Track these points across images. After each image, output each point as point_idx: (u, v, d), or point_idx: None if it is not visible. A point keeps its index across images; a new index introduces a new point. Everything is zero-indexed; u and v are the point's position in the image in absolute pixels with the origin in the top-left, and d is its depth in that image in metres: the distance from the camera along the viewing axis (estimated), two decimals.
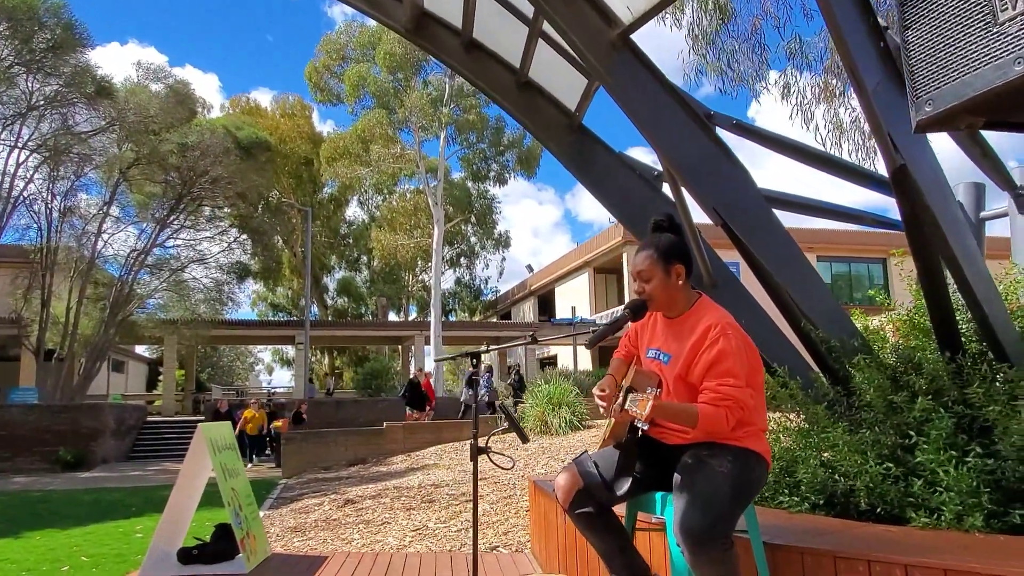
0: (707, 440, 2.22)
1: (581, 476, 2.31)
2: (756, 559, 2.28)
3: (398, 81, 26.63)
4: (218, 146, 20.88)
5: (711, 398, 2.16)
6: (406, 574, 4.26)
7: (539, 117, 5.15)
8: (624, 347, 2.65)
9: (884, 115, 3.03)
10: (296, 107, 35.95)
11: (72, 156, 18.93)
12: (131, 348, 36.77)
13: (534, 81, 5.13)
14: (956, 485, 2.60)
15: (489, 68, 5.20)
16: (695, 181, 3.88)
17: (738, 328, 2.30)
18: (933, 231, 3.13)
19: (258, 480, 13.87)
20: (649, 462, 2.34)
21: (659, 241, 2.37)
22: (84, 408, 18.34)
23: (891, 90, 3.13)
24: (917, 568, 2.04)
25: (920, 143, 3.18)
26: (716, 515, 2.02)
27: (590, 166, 4.97)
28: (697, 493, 2.06)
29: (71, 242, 21.23)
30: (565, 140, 5.06)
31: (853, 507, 2.99)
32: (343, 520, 7.94)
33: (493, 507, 7.36)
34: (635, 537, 2.49)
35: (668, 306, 2.38)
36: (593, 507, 2.29)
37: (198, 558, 4.51)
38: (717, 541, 1.99)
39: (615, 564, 2.34)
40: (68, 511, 10.42)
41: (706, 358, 2.22)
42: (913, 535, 2.52)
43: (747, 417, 2.22)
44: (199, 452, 4.40)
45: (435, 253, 26.57)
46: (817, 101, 7.43)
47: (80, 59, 18.15)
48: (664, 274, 2.33)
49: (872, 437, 3.11)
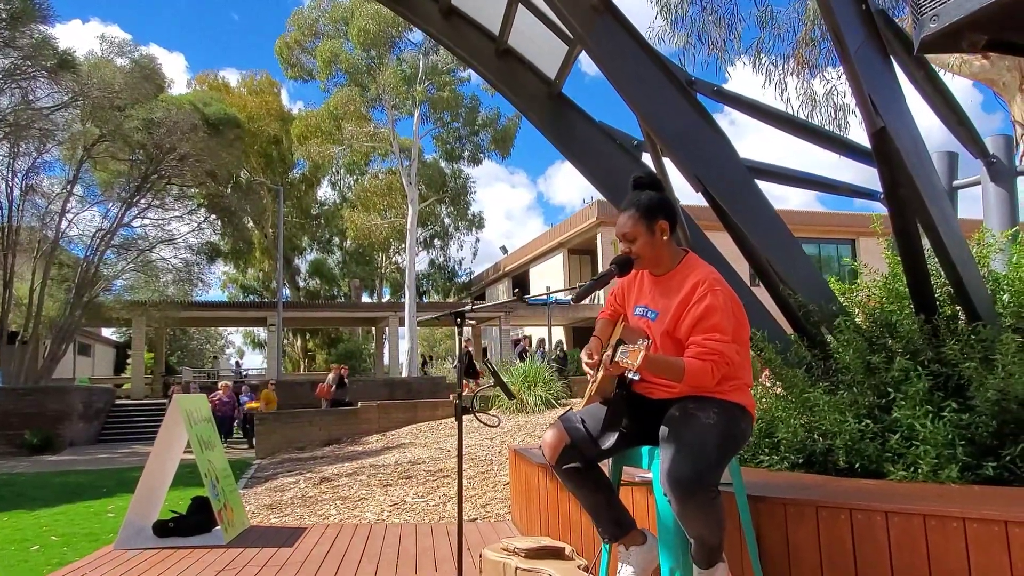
0: (693, 394, 2.24)
1: (568, 432, 2.31)
2: (740, 511, 2.31)
3: (371, 58, 26.20)
4: (185, 122, 20.36)
5: (697, 352, 2.17)
6: (387, 542, 4.26)
7: (518, 86, 5.09)
8: (610, 306, 2.64)
9: (865, 77, 3.05)
10: (264, 84, 35.24)
11: (33, 132, 18.32)
12: (98, 331, 36.07)
13: (514, 49, 5.07)
14: (932, 439, 2.65)
15: (468, 36, 5.12)
16: (677, 148, 3.88)
17: (725, 284, 2.31)
18: (911, 194, 3.17)
19: (230, 461, 13.74)
20: (635, 417, 2.35)
21: (641, 199, 2.36)
22: (50, 391, 17.95)
23: (872, 52, 3.15)
24: (898, 515, 2.08)
25: (899, 107, 3.21)
26: (704, 465, 2.03)
27: (570, 135, 4.93)
28: (684, 444, 2.07)
29: (34, 222, 20.64)
30: (544, 109, 5.02)
31: (832, 465, 3.05)
32: (319, 497, 7.90)
33: (471, 482, 7.39)
34: (619, 493, 2.50)
35: (655, 263, 2.38)
36: (580, 462, 2.29)
37: (175, 530, 4.45)
38: (704, 490, 2.01)
39: (602, 518, 2.35)
40: (36, 493, 10.22)
41: (693, 313, 2.22)
42: (892, 487, 2.57)
43: (733, 372, 2.23)
44: (174, 422, 4.33)
45: (409, 233, 26.37)
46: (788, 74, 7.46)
47: (40, 31, 17.54)
48: (648, 232, 2.32)
49: (850, 398, 3.16)
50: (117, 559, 3.92)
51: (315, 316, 33.29)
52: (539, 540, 3.24)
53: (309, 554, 3.95)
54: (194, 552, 4.04)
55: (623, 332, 2.39)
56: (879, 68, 3.17)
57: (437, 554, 3.94)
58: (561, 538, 3.39)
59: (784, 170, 4.58)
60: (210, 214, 25.79)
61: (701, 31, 7.45)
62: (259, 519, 6.87)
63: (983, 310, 3.22)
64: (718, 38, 7.35)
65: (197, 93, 27.35)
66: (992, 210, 4.46)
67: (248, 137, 30.50)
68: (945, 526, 1.98)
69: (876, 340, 3.42)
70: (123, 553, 4.05)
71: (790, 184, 4.68)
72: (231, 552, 4.04)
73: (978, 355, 2.86)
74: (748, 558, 2.33)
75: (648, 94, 3.88)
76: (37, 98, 18.69)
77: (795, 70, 7.45)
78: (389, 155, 28.53)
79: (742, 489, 2.32)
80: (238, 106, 30.80)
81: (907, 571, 2.03)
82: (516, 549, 3.11)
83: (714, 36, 7.40)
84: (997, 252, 3.62)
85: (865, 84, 3.02)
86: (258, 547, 4.14)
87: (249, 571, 3.60)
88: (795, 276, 3.94)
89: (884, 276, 3.76)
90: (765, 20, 7.35)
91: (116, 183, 21.83)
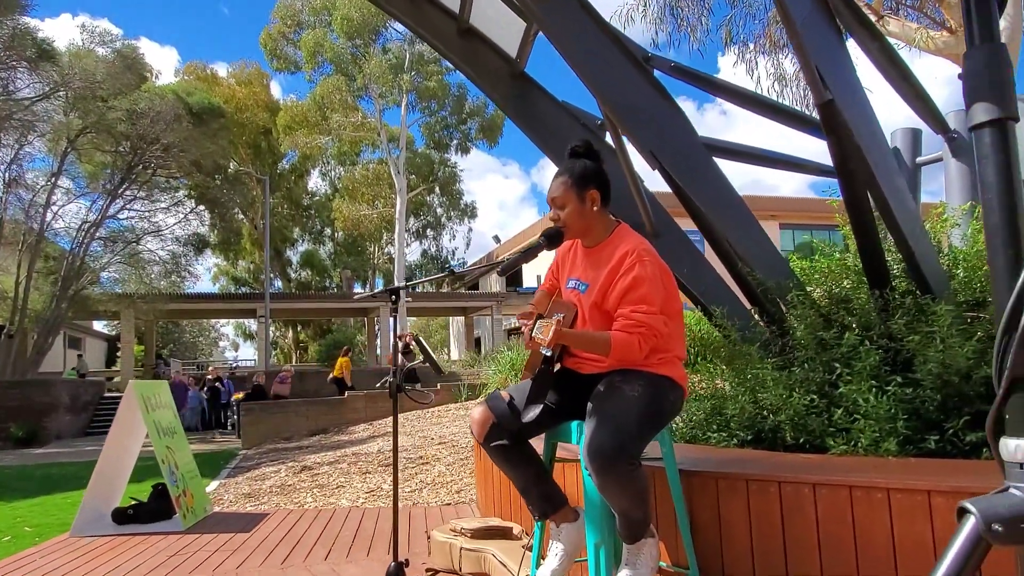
0: (622, 368, 2.20)
1: (491, 409, 2.27)
2: (671, 485, 2.27)
3: (356, 47, 26.00)
4: (169, 113, 20.16)
5: (624, 324, 2.13)
6: (346, 526, 4.23)
7: (481, 65, 5.03)
8: (549, 280, 2.60)
9: (812, 49, 3.00)
10: (253, 75, 34.95)
11: (14, 123, 18.12)
12: (89, 324, 35.88)
13: (475, 28, 5.00)
14: (874, 412, 2.62)
15: (429, 15, 5.05)
16: (631, 123, 3.82)
17: (655, 255, 2.26)
18: (860, 167, 3.12)
19: (216, 452, 13.71)
20: (566, 392, 2.31)
21: (574, 167, 2.32)
22: (35, 384, 17.85)
23: (820, 23, 3.10)
24: (824, 486, 2.05)
25: (849, 79, 3.16)
26: (623, 436, 1.99)
27: (532, 115, 4.87)
28: (606, 416, 2.04)
29: (19, 215, 20.46)
30: (507, 88, 4.95)
31: (780, 441, 3.02)
32: (297, 485, 7.87)
33: (449, 468, 7.36)
34: (555, 469, 2.47)
35: (584, 233, 2.34)
36: (507, 438, 2.25)
37: (134, 517, 4.41)
38: (623, 462, 1.97)
39: (532, 495, 2.32)
40: (15, 485, 10.16)
41: (621, 284, 2.18)
42: (831, 460, 2.54)
43: (661, 344, 2.19)
44: (130, 410, 4.28)
45: (398, 223, 26.30)
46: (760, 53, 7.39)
47: (19, 21, 17.30)
48: (579, 200, 2.28)
49: (802, 375, 3.13)
50: (71, 545, 3.89)
51: (305, 307, 33.20)
52: (488, 521, 3.21)
53: (265, 539, 3.92)
54: (149, 538, 4.00)
55: (552, 305, 2.35)
56: (827, 39, 3.12)
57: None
58: (512, 518, 3.36)
59: (747, 148, 4.53)
60: (197, 205, 25.61)
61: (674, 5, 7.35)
62: (236, 507, 6.84)
63: (935, 284, 3.19)
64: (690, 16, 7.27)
65: (181, 83, 27.05)
66: (954, 186, 4.41)
67: (236, 128, 30.27)
68: (871, 497, 1.95)
69: (832, 316, 3.39)
70: (78, 540, 4.01)
71: (751, 162, 4.63)
72: (187, 538, 4.01)
73: (923, 329, 2.82)
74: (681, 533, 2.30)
75: (602, 69, 3.81)
76: (17, 89, 18.49)
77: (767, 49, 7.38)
78: (377, 144, 28.39)
79: (674, 464, 2.28)
80: (226, 96, 30.55)
81: (834, 542, 2.01)
82: (463, 530, 3.08)
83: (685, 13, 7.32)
84: (954, 227, 3.58)
85: (812, 55, 2.97)
86: (215, 533, 4.11)
87: (200, 555, 3.57)
88: (752, 253, 3.89)
89: (840, 251, 3.72)
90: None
91: (101, 175, 21.64)
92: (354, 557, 3.50)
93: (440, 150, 31.61)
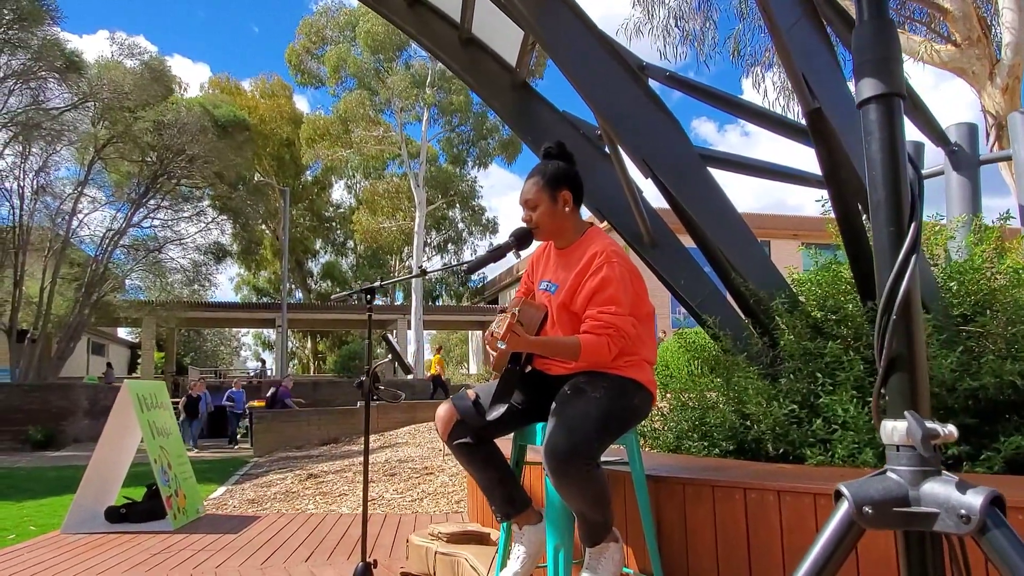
0: (589, 370, 2.18)
1: (456, 408, 2.26)
2: (636, 490, 2.24)
3: (379, 62, 26.35)
4: (194, 124, 20.55)
5: (592, 326, 2.11)
6: (333, 531, 4.22)
7: (482, 75, 5.06)
8: (524, 284, 2.60)
9: (799, 56, 2.98)
10: (277, 87, 35.54)
11: (43, 132, 18.57)
12: (113, 331, 36.46)
13: (476, 37, 5.03)
14: (853, 423, 2.57)
15: (432, 23, 5.10)
16: (623, 130, 3.81)
17: (624, 256, 2.25)
18: (850, 176, 3.08)
19: (228, 459, 13.82)
20: (534, 393, 2.29)
21: (547, 168, 2.32)
22: (54, 387, 18.14)
23: (808, 29, 3.07)
24: (789, 493, 2.01)
25: (837, 87, 3.13)
26: (579, 438, 1.97)
27: (532, 124, 4.89)
28: (564, 418, 2.02)
29: (45, 221, 20.91)
30: (508, 98, 4.98)
31: (763, 452, 2.96)
32: (301, 492, 7.89)
33: (452, 479, 7.35)
34: (523, 471, 2.44)
35: (555, 234, 2.33)
36: (471, 437, 2.24)
37: (127, 517, 4.45)
38: (579, 463, 1.94)
39: (495, 496, 2.29)
40: (28, 486, 10.32)
41: (589, 285, 2.17)
42: (805, 470, 2.48)
43: (629, 347, 2.17)
44: (124, 409, 4.33)
45: (416, 236, 26.44)
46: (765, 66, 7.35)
47: (49, 32, 17.78)
48: (551, 200, 2.28)
49: (788, 385, 3.07)
50: (60, 542, 3.92)
51: (322, 318, 33.44)
52: (465, 525, 3.19)
53: (250, 541, 3.93)
54: (138, 537, 4.03)
55: (522, 307, 2.34)
56: (815, 46, 3.09)
57: (380, 540, 3.90)
58: (489, 524, 3.33)
59: (744, 159, 4.49)
60: (219, 215, 26.00)
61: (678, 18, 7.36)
62: (238, 512, 6.87)
63: (928, 297, 3.12)
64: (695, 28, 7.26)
65: (208, 96, 27.61)
66: (954, 199, 4.33)
67: (260, 140, 30.76)
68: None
69: (822, 326, 3.33)
70: (68, 537, 4.05)
71: (748, 173, 4.58)
72: (175, 537, 4.03)
73: None
74: (647, 539, 2.26)
75: (596, 77, 3.82)
76: (47, 99, 18.97)
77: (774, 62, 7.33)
78: (399, 158, 28.66)
79: (640, 469, 2.25)
80: (250, 108, 31.09)
81: (798, 549, 1.96)
82: (439, 534, 3.06)
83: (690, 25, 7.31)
84: (950, 239, 3.51)
85: (798, 62, 2.94)
86: (203, 533, 4.12)
87: (184, 555, 3.58)
88: (746, 264, 3.85)
89: (832, 263, 3.67)
90: (744, 11, 7.25)
91: (126, 184, 22.06)
92: (334, 560, 3.49)
93: (458, 165, 31.83)
